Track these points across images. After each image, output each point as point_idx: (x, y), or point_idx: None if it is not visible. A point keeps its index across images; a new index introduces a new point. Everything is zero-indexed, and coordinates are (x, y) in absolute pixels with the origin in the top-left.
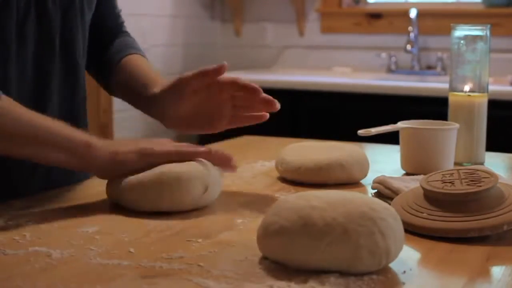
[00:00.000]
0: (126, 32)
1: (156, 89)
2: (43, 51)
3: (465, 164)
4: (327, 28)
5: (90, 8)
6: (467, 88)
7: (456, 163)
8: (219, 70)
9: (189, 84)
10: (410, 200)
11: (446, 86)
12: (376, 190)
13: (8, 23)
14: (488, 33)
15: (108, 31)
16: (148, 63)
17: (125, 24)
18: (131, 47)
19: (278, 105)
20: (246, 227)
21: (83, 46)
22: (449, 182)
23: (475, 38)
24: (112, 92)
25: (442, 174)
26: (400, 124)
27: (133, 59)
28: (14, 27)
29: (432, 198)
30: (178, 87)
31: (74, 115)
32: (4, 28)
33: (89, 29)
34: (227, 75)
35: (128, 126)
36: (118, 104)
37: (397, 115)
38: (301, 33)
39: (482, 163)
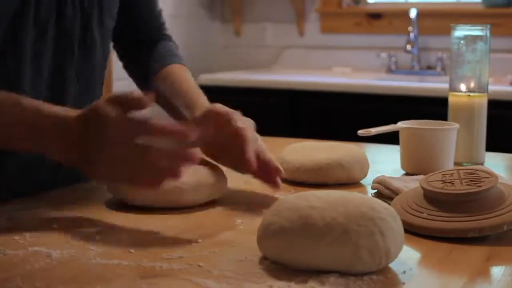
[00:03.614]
0: (167, 35)
1: (195, 113)
2: (62, 59)
3: (465, 164)
4: (327, 28)
5: (111, 15)
6: (466, 88)
7: (456, 163)
8: None
9: (218, 118)
10: (410, 200)
11: (446, 86)
12: (376, 190)
13: (26, 33)
14: (488, 33)
15: (149, 33)
16: (189, 75)
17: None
18: (173, 55)
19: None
20: (246, 227)
21: (104, 53)
22: (449, 182)
23: (475, 38)
24: None
25: (442, 174)
26: (400, 124)
27: (175, 71)
28: (33, 36)
29: (432, 198)
30: (207, 118)
31: None
32: (22, 38)
33: (131, 30)
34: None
35: None
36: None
37: (397, 115)
38: (301, 33)
39: (482, 163)
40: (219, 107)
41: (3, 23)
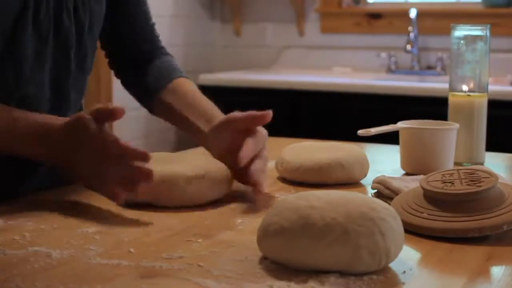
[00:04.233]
0: (163, 47)
1: (206, 128)
2: (60, 69)
3: (465, 164)
4: (327, 28)
5: (99, 23)
6: (467, 88)
7: (456, 163)
8: (267, 116)
9: (237, 124)
10: (410, 200)
11: (446, 86)
12: (376, 190)
13: (27, 44)
14: (488, 33)
15: (145, 48)
16: (196, 88)
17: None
18: (175, 70)
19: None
20: (246, 227)
21: (92, 61)
22: (449, 182)
23: (475, 38)
24: (155, 114)
25: (442, 174)
26: (400, 124)
27: (183, 84)
28: (33, 48)
29: (432, 198)
30: (226, 125)
31: None
32: (22, 48)
33: (124, 44)
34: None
35: (128, 126)
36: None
37: (397, 115)
38: (301, 33)
39: (482, 163)
40: (237, 114)
41: (4, 29)
